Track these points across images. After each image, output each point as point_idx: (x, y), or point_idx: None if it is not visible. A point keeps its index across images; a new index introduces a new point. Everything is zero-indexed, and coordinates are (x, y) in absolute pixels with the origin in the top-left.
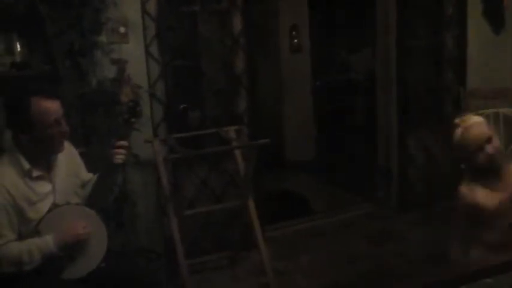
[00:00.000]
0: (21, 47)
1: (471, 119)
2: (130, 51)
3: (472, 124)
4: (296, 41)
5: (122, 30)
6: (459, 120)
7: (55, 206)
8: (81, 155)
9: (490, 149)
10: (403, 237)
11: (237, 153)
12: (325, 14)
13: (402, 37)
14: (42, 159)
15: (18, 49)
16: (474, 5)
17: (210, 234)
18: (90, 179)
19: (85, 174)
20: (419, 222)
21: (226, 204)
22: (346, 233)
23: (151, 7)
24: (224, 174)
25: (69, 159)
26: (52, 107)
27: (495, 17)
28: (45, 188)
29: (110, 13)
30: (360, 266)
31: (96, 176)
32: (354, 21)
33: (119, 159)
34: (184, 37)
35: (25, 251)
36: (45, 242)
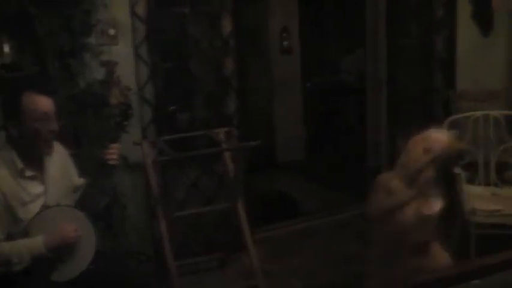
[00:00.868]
0: (11, 48)
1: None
2: (120, 53)
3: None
4: (286, 42)
5: (111, 32)
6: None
7: (45, 207)
8: (72, 157)
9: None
10: None
11: (227, 155)
12: (316, 16)
13: (392, 38)
14: (35, 160)
15: (8, 50)
16: (463, 6)
17: (200, 236)
18: (82, 184)
19: (77, 179)
20: None
21: (216, 206)
22: (339, 233)
23: (140, 9)
24: (214, 176)
25: (62, 163)
26: (43, 101)
27: (484, 19)
28: (37, 189)
29: (99, 15)
30: (354, 266)
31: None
32: (345, 23)
33: (112, 162)
34: (174, 39)
35: (15, 251)
36: (35, 243)
